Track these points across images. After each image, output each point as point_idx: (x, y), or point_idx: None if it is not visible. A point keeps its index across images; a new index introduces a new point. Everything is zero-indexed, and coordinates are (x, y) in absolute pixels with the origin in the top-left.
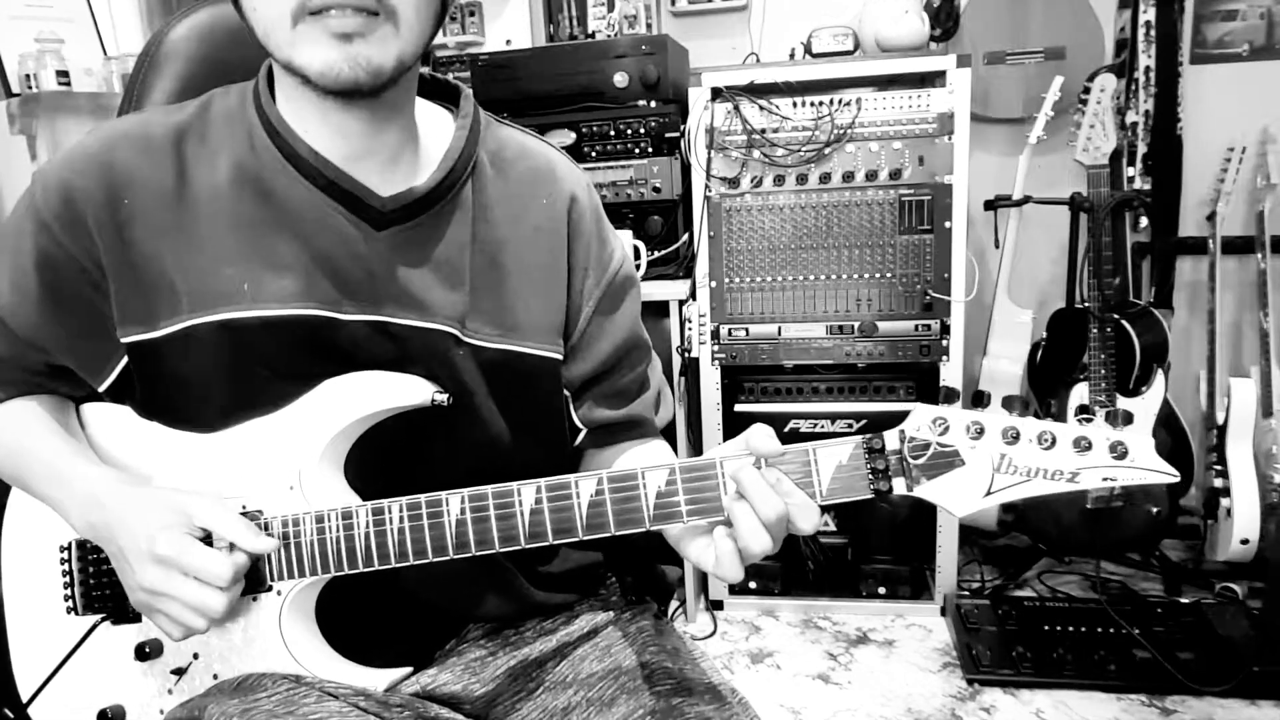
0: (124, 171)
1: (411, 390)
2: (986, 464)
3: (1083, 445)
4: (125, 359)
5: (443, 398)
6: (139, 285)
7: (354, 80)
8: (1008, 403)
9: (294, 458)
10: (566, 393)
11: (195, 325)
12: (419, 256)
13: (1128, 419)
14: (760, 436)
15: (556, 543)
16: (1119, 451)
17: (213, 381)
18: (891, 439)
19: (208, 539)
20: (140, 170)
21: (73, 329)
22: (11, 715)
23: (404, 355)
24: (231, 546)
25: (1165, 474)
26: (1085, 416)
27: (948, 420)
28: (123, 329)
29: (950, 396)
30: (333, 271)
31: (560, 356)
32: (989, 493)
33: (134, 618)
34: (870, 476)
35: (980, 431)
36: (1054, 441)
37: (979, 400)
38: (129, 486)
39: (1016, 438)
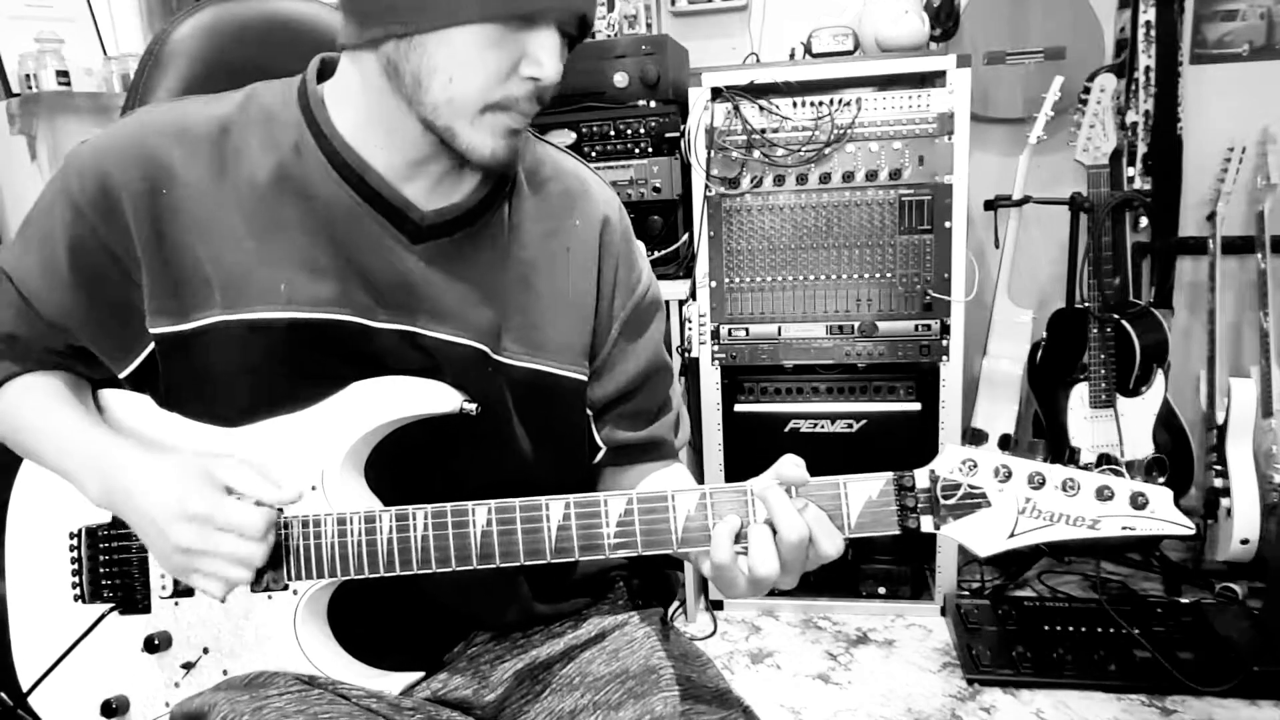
0: (163, 163)
1: (440, 397)
2: (1012, 507)
3: (1105, 495)
4: (149, 348)
5: (471, 407)
6: (171, 277)
7: (508, 162)
8: (1031, 448)
9: (317, 458)
10: (589, 412)
11: (227, 322)
12: (454, 271)
13: (1147, 470)
14: (789, 465)
15: (581, 559)
16: (1139, 502)
17: (240, 378)
18: (922, 477)
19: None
20: (180, 162)
21: (100, 315)
22: (10, 703)
23: (434, 367)
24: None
25: (1182, 526)
26: (1109, 467)
27: (977, 462)
28: (152, 319)
29: (978, 438)
30: (368, 279)
31: (585, 378)
32: (1013, 535)
33: (143, 608)
34: (899, 513)
35: (1008, 475)
36: (1078, 489)
37: (1005, 443)
38: (148, 454)
39: (1042, 483)
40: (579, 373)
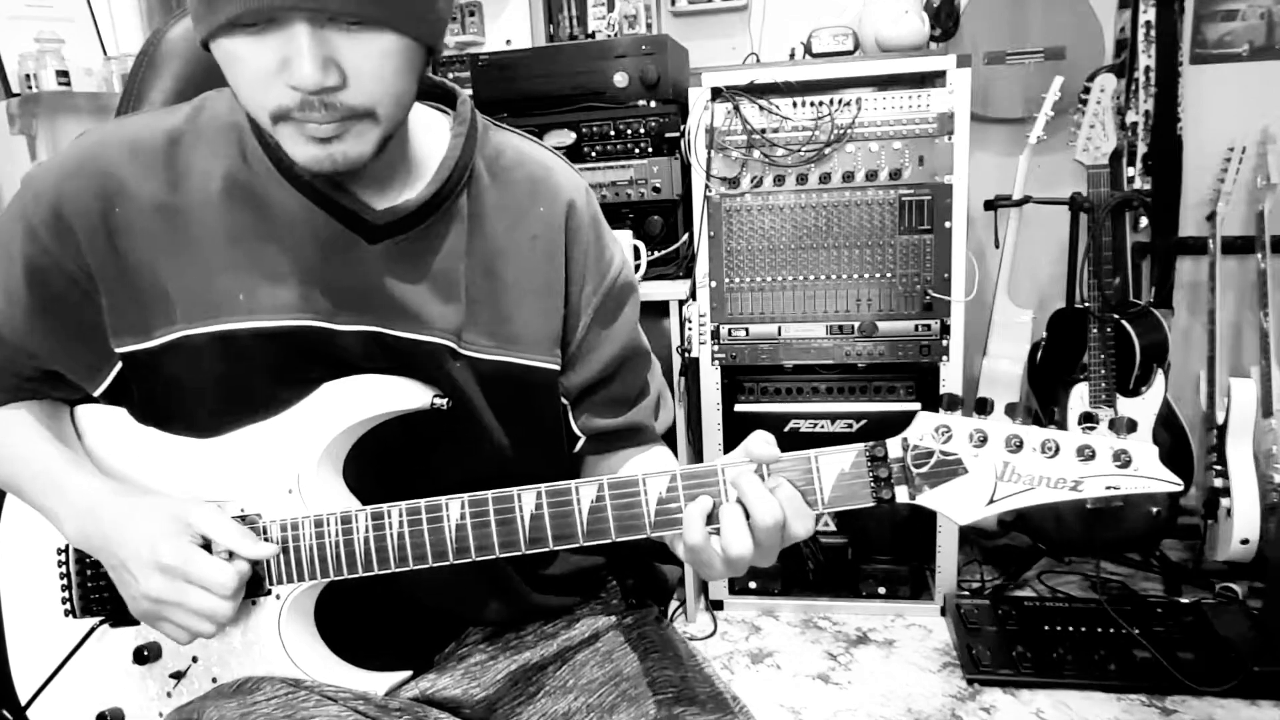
0: (115, 179)
1: (411, 394)
2: (989, 472)
3: (1086, 454)
4: (119, 366)
5: (442, 402)
6: (131, 295)
7: (335, 171)
8: (1011, 410)
9: (292, 462)
10: (565, 401)
11: (190, 336)
12: (414, 268)
13: (1131, 426)
14: (759, 443)
15: (557, 549)
16: (1122, 460)
17: (209, 390)
18: (894, 447)
19: (207, 546)
20: (131, 179)
21: (64, 336)
22: (10, 718)
23: (400, 367)
24: (231, 554)
25: (1169, 483)
26: (1089, 425)
27: (951, 428)
28: (116, 339)
29: (953, 403)
30: (327, 283)
31: (558, 367)
32: (991, 501)
33: (132, 620)
34: (873, 484)
35: (983, 439)
36: (1057, 450)
37: (983, 407)
38: (125, 497)
39: (1020, 446)
40: (551, 363)
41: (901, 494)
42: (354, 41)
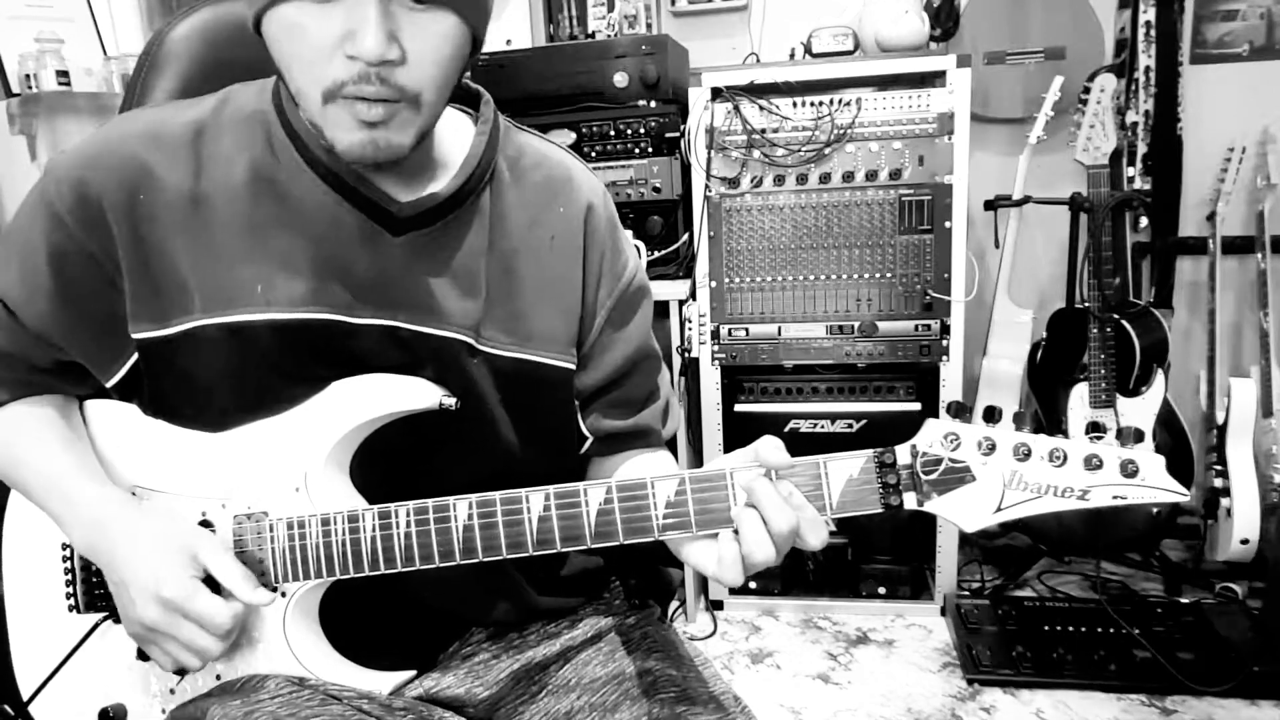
0: (141, 167)
1: (419, 394)
2: (997, 480)
3: (1094, 463)
4: (135, 355)
5: (450, 402)
6: (152, 282)
7: (375, 159)
8: (1018, 419)
9: (300, 459)
10: (575, 402)
11: (206, 325)
12: (435, 263)
13: (1138, 436)
14: (770, 448)
15: (564, 550)
16: (1129, 470)
17: (221, 381)
18: (903, 453)
19: (208, 579)
20: (157, 167)
21: (85, 323)
22: (12, 713)
23: (415, 361)
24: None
25: (1175, 493)
26: (1096, 434)
27: (959, 436)
28: (134, 325)
29: (959, 410)
30: (346, 275)
31: (573, 367)
32: (999, 509)
33: None
34: (881, 491)
35: (992, 448)
36: (1065, 459)
37: (990, 415)
38: (135, 514)
39: (1028, 455)
40: (566, 361)
41: (910, 500)
42: (417, 21)
